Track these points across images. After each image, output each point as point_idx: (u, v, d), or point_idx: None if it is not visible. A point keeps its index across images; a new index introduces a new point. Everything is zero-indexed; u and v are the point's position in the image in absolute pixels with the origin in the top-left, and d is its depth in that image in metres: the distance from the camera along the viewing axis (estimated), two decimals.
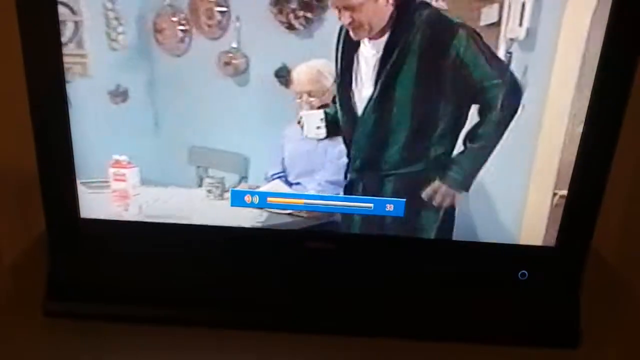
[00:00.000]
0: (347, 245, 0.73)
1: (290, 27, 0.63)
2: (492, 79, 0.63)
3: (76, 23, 0.63)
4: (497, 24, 0.61)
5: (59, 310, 0.73)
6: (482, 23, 0.61)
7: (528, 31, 0.61)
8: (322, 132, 0.69)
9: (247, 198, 0.70)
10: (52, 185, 0.69)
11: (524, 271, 0.72)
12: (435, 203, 0.69)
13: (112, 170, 0.68)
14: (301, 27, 0.63)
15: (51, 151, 0.67)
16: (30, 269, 0.79)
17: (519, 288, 0.72)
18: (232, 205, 0.71)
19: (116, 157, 0.68)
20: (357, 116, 0.67)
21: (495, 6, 0.60)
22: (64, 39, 0.63)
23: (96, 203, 0.70)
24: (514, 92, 0.64)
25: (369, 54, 0.65)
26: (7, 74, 0.73)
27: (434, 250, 0.72)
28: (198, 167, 0.69)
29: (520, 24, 0.61)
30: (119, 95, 0.66)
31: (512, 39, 0.62)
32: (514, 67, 0.63)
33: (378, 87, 0.65)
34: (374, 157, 0.69)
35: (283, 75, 0.65)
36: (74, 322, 0.73)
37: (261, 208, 0.71)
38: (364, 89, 0.66)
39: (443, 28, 0.62)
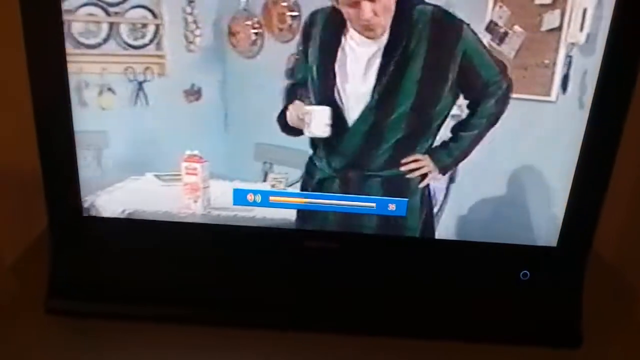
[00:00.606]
0: (347, 244, 0.74)
1: None
2: (495, 75, 0.66)
3: (157, 26, 0.67)
4: (558, 29, 0.64)
5: (60, 308, 0.74)
6: (544, 28, 0.64)
7: (588, 36, 0.63)
8: (328, 130, 0.70)
9: (250, 197, 0.72)
10: (55, 183, 0.70)
11: (525, 271, 0.73)
12: (412, 174, 0.71)
13: (184, 164, 0.72)
14: None
15: (54, 149, 0.69)
16: (32, 267, 0.79)
17: (521, 288, 0.73)
18: (234, 204, 0.73)
19: (189, 152, 0.72)
20: (348, 115, 0.69)
21: (557, 12, 0.63)
22: (144, 41, 0.68)
23: (167, 196, 0.74)
24: (509, 87, 0.67)
25: (362, 52, 0.67)
26: (9, 72, 0.74)
27: (435, 250, 0.73)
28: (264, 162, 0.73)
29: (581, 29, 0.63)
30: (193, 93, 0.70)
31: (572, 44, 0.64)
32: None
33: (380, 85, 0.67)
34: (362, 156, 0.71)
35: None
36: (76, 320, 0.73)
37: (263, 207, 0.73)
38: (357, 87, 0.68)
39: (448, 25, 0.64)
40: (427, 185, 0.71)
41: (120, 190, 0.73)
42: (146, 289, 0.75)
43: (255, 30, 0.68)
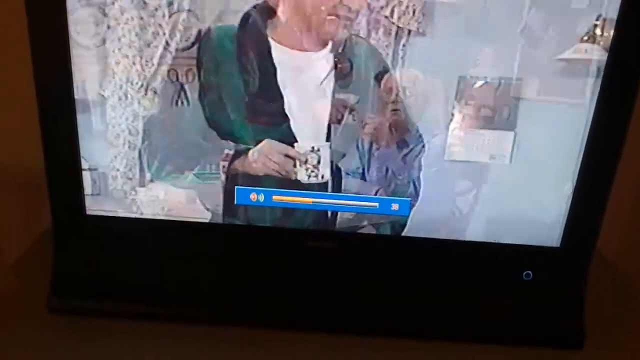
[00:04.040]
0: (349, 244, 0.74)
1: None
2: None
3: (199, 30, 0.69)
4: None
5: (63, 307, 0.74)
6: None
7: None
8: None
9: (253, 196, 0.72)
10: (58, 181, 0.70)
11: (528, 271, 0.73)
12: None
13: (222, 163, 0.73)
14: None
15: (58, 147, 0.69)
16: (35, 265, 0.79)
17: (523, 288, 0.73)
18: (237, 204, 0.73)
19: (227, 151, 0.73)
20: None
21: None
22: (186, 44, 0.69)
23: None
24: None
25: None
26: (13, 69, 0.74)
27: (438, 250, 0.74)
28: None
29: None
30: None
31: None
32: None
33: None
34: None
35: (380, 79, 0.70)
36: (78, 318, 0.73)
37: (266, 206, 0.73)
38: None
39: None
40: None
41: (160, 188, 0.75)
42: (149, 288, 0.75)
43: None
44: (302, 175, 0.71)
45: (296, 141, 0.71)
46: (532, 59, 0.66)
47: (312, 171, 0.71)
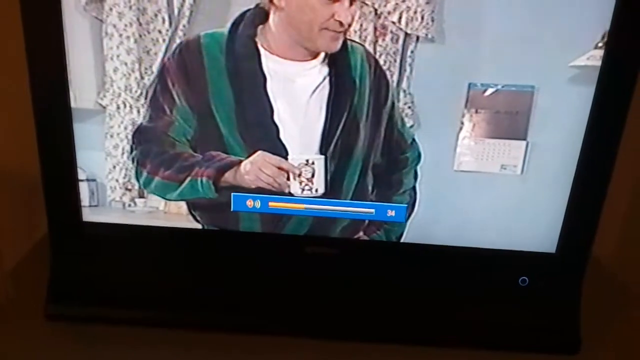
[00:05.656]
0: (347, 250, 0.74)
1: None
2: None
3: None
4: None
5: (60, 314, 0.74)
6: None
7: None
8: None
9: (249, 202, 0.71)
10: (55, 188, 0.70)
11: (524, 277, 0.73)
12: None
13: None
14: None
15: (54, 154, 0.69)
16: (32, 272, 0.79)
17: (519, 294, 0.74)
18: (233, 210, 0.72)
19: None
20: None
21: None
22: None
23: None
24: None
25: None
26: (9, 76, 0.74)
27: (434, 256, 0.74)
28: None
29: None
30: None
31: None
32: None
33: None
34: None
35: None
36: (76, 325, 0.73)
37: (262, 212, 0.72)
38: None
39: None
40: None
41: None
42: (146, 295, 0.75)
43: None
44: (295, 189, 0.70)
45: (287, 153, 0.69)
46: (545, 66, 0.65)
47: (306, 185, 0.70)
